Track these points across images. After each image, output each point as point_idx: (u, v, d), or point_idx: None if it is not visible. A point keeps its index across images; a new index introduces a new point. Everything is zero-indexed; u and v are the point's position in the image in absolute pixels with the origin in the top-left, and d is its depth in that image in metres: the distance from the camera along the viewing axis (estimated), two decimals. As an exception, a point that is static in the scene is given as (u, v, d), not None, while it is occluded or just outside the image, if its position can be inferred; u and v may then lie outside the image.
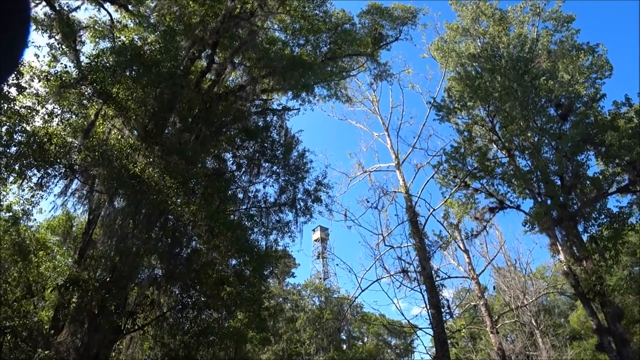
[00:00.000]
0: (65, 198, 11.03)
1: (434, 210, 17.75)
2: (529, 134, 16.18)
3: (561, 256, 14.84)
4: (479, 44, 18.66)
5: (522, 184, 15.58)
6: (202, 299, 10.24)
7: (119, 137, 10.42)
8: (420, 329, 15.81)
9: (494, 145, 17.08)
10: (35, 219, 15.39)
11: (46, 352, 7.88)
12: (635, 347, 19.54)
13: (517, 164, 16.46)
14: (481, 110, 17.22)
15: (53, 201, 10.64)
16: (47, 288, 12.90)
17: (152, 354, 11.78)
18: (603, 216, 14.66)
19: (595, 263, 14.39)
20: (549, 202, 14.83)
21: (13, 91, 9.86)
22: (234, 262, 10.55)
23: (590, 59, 16.31)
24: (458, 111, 17.24)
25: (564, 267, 14.75)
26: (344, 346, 60.52)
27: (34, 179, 10.06)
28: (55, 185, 10.64)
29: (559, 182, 15.38)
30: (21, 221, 12.45)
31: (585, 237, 14.85)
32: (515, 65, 16.15)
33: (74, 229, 16.43)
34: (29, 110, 10.01)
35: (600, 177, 14.79)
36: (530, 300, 30.38)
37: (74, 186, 11.16)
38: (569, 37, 17.39)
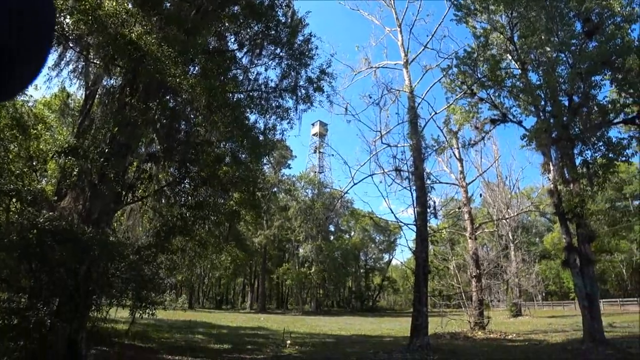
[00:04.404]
0: (60, 69, 10.75)
1: (435, 113, 17.66)
2: (548, 49, 15.34)
3: (551, 175, 15.17)
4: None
5: (529, 99, 15.24)
6: (200, 175, 10.60)
7: (114, 2, 9.71)
8: (405, 224, 16.73)
9: (509, 56, 16.29)
10: (31, 95, 15.21)
11: (50, 213, 8.28)
12: (597, 272, 20.92)
13: (529, 79, 15.91)
14: (503, 16, 16.05)
15: (47, 73, 10.34)
16: (48, 161, 13.24)
17: (151, 226, 12.58)
18: (601, 143, 14.67)
19: (582, 187, 14.78)
20: (551, 121, 14.67)
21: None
22: (231, 145, 10.73)
23: (633, -31, 14.70)
24: (479, 14, 16.04)
25: (551, 185, 15.17)
26: (332, 237, 65.33)
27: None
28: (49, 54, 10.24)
29: (566, 103, 15.07)
30: (17, 96, 12.28)
31: (578, 161, 15.01)
32: (549, -33, 14.61)
33: (71, 105, 16.33)
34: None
35: (610, 106, 14.43)
36: (512, 215, 31.92)
37: (68, 56, 10.80)
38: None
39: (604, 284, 52.30)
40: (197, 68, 10.45)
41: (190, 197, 11.29)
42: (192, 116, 10.07)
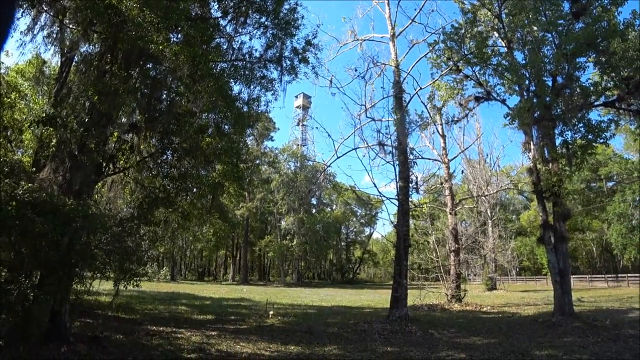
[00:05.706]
0: (34, 34, 10.21)
1: (420, 89, 17.69)
2: (535, 28, 15.35)
3: (531, 154, 15.49)
4: None
5: (513, 78, 15.34)
6: (183, 146, 10.43)
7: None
8: (387, 198, 16.95)
9: (496, 34, 16.26)
10: (2, 62, 14.39)
11: (29, 185, 8.03)
12: (569, 249, 21.79)
13: (514, 57, 15.98)
14: (492, -8, 15.92)
15: (20, 39, 9.78)
16: (24, 132, 12.66)
17: (133, 198, 12.40)
18: (582, 125, 14.93)
19: (561, 167, 15.15)
20: (535, 100, 14.86)
21: None
22: (214, 116, 10.55)
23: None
24: (469, -12, 15.87)
25: (531, 164, 15.52)
26: (314, 210, 65.97)
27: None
28: (21, 16, 9.67)
29: (550, 84, 15.22)
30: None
31: (558, 141, 15.31)
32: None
33: (46, 72, 15.58)
34: None
35: (592, 88, 14.63)
36: (491, 192, 32.71)
37: (42, 20, 10.24)
38: None
39: (575, 261, 54.81)
40: (179, 36, 10.08)
41: (173, 169, 11.12)
42: (174, 86, 9.78)
